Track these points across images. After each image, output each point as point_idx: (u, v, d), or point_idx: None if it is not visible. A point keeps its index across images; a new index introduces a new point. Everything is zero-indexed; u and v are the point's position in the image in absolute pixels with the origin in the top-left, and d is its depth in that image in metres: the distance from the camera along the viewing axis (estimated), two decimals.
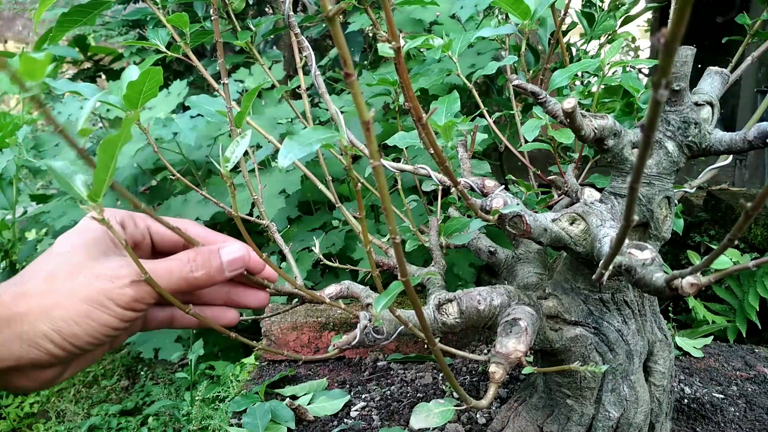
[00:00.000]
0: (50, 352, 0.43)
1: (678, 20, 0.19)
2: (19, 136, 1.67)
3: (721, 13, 3.12)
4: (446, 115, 0.70)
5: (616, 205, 0.64)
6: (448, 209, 0.91)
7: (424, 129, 0.44)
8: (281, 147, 0.39)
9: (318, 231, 1.55)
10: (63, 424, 1.58)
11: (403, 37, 0.81)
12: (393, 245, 0.37)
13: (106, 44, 2.63)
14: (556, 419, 0.71)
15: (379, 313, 0.48)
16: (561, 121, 0.58)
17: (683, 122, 0.62)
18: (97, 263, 0.45)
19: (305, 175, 0.90)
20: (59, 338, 0.43)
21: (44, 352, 0.43)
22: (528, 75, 1.02)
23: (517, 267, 0.80)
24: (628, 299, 0.67)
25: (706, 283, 0.39)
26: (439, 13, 1.52)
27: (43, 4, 0.69)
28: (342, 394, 0.95)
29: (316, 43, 2.20)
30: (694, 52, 0.61)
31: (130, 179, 1.78)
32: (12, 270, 1.77)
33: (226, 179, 0.50)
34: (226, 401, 1.31)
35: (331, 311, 1.15)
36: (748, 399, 0.93)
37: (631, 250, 0.49)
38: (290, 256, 0.66)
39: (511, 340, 0.54)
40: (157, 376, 1.81)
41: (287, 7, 0.73)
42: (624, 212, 0.31)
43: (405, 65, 0.43)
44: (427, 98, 1.38)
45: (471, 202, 0.59)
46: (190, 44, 0.78)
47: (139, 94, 0.50)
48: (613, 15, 1.04)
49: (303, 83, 0.89)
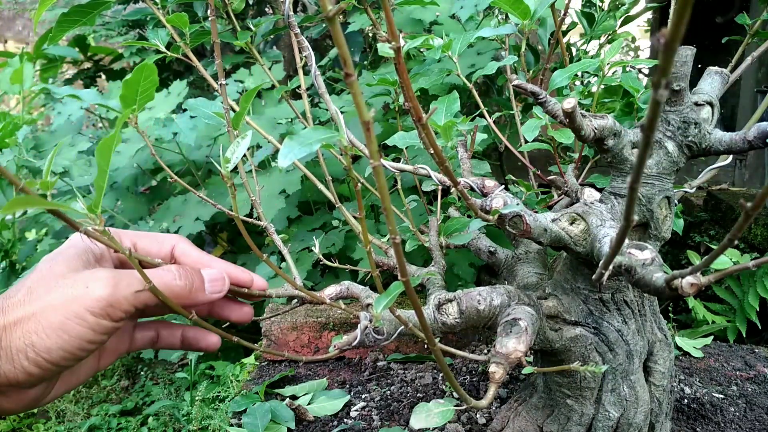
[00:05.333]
0: (25, 370, 0.42)
1: (678, 20, 0.19)
2: (19, 136, 1.67)
3: (721, 13, 3.12)
4: (446, 115, 0.70)
5: (616, 205, 0.64)
6: (448, 209, 0.91)
7: (424, 129, 0.44)
8: (281, 147, 0.39)
9: (318, 231, 1.55)
10: (63, 424, 1.58)
11: (403, 37, 0.81)
12: (393, 245, 0.37)
13: (106, 44, 2.63)
14: (556, 419, 0.71)
15: (379, 313, 0.48)
16: (561, 121, 0.58)
17: (683, 122, 0.62)
18: (76, 274, 0.44)
19: (305, 175, 0.90)
20: (33, 354, 0.41)
21: (20, 370, 0.42)
22: (528, 75, 1.02)
23: (517, 267, 0.80)
24: (628, 299, 0.67)
25: (706, 283, 0.39)
26: (439, 13, 1.52)
27: (43, 4, 0.69)
28: (342, 394, 0.95)
29: (316, 43, 2.20)
30: (694, 52, 0.61)
31: (130, 179, 1.78)
32: (12, 270, 1.77)
33: (226, 180, 0.50)
34: (226, 401, 1.31)
35: (331, 311, 1.15)
36: (748, 399, 0.93)
37: (631, 250, 0.49)
38: (289, 257, 0.66)
39: (511, 340, 0.54)
40: (157, 376, 1.81)
41: (287, 7, 0.73)
42: (624, 212, 0.31)
43: (405, 65, 0.43)
44: (427, 98, 1.38)
45: (471, 202, 0.59)
46: (189, 44, 0.78)
47: (135, 93, 0.50)
48: (613, 15, 1.04)
49: (303, 83, 0.89)
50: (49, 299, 0.42)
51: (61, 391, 0.48)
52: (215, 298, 0.50)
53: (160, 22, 0.77)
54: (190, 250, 0.53)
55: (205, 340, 0.55)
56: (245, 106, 0.55)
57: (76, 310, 0.42)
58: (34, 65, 2.18)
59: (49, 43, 1.08)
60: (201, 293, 0.49)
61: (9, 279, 1.73)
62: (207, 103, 0.70)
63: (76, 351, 0.43)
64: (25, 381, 0.42)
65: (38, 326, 0.42)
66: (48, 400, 0.47)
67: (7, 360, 0.41)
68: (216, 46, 0.67)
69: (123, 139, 1.75)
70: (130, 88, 0.49)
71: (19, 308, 0.42)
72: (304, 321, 1.12)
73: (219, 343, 0.55)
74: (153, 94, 0.51)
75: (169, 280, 0.47)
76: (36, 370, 0.42)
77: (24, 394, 0.44)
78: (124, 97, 0.50)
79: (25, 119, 1.79)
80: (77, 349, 0.43)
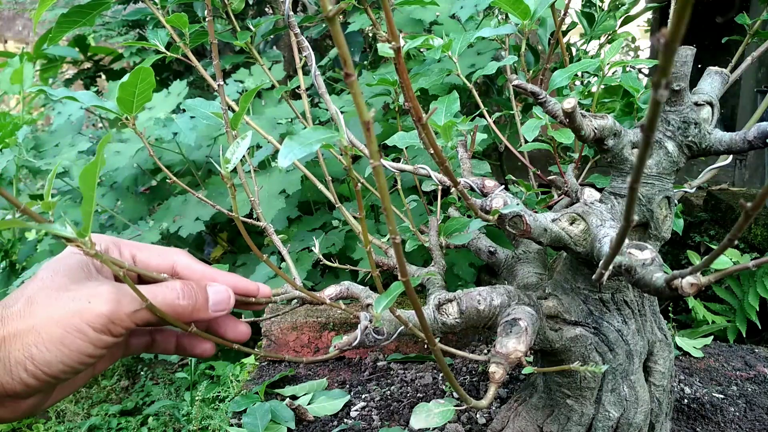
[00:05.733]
0: (24, 382, 0.41)
1: (678, 20, 0.19)
2: (19, 136, 1.67)
3: (721, 13, 3.12)
4: (446, 115, 0.70)
5: (616, 205, 0.64)
6: (448, 209, 0.91)
7: (424, 129, 0.44)
8: (281, 147, 0.39)
9: (318, 231, 1.55)
10: (63, 424, 1.58)
11: (403, 37, 0.81)
12: (393, 245, 0.37)
13: (106, 44, 2.63)
14: (556, 419, 0.71)
15: (379, 313, 0.48)
16: (561, 121, 0.58)
17: (683, 122, 0.62)
18: (78, 286, 0.44)
19: (305, 175, 0.90)
20: (32, 366, 0.41)
21: (18, 381, 0.41)
22: (528, 75, 1.02)
23: (517, 267, 0.80)
24: (628, 299, 0.67)
25: (706, 283, 0.39)
26: (439, 13, 1.52)
27: (42, 4, 0.69)
28: (342, 394, 0.95)
29: (316, 43, 2.20)
30: (694, 52, 0.61)
31: (130, 179, 1.78)
32: (12, 270, 1.77)
33: (226, 180, 0.50)
34: (226, 401, 1.31)
35: (331, 311, 1.15)
36: (748, 399, 0.93)
37: (631, 250, 0.49)
38: (288, 257, 0.66)
39: (511, 340, 0.54)
40: (157, 376, 1.82)
41: (287, 7, 0.73)
42: (624, 212, 0.31)
43: (405, 65, 0.43)
44: (427, 98, 1.38)
45: (471, 202, 0.59)
46: (189, 44, 0.78)
47: (132, 96, 0.49)
48: (613, 15, 1.04)
49: (303, 83, 0.89)
50: (49, 312, 0.42)
51: (57, 399, 0.48)
52: (219, 316, 0.50)
53: (159, 23, 0.77)
54: (193, 264, 0.52)
55: (200, 347, 0.54)
56: (245, 106, 0.55)
57: (77, 325, 0.42)
58: (34, 65, 2.18)
59: (49, 44, 1.08)
60: (204, 312, 0.48)
61: (9, 279, 1.73)
62: (205, 104, 0.70)
63: (76, 365, 0.42)
64: (22, 392, 0.42)
65: (38, 339, 0.41)
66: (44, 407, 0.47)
67: (5, 372, 0.41)
68: (213, 47, 0.66)
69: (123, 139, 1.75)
70: (126, 91, 0.49)
71: (18, 320, 0.42)
72: (304, 321, 1.12)
73: (213, 349, 0.55)
74: (150, 96, 0.50)
75: (172, 299, 0.46)
76: (34, 383, 0.42)
77: (21, 404, 0.44)
78: (121, 100, 0.50)
79: (25, 119, 1.79)
80: (77, 362, 0.42)
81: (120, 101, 0.50)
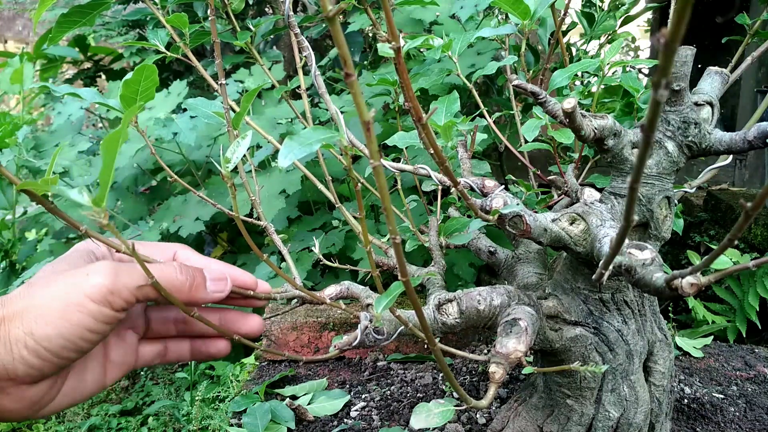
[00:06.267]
0: (24, 360, 0.41)
1: (678, 20, 0.19)
2: (19, 136, 1.67)
3: (721, 13, 3.12)
4: (446, 115, 0.70)
5: (616, 205, 0.64)
6: (448, 209, 0.91)
7: (424, 129, 0.44)
8: (281, 147, 0.39)
9: (318, 231, 1.55)
10: (63, 424, 1.58)
11: (403, 37, 0.81)
12: (393, 245, 0.37)
13: (106, 44, 2.63)
14: (556, 419, 0.71)
15: (379, 313, 0.48)
16: (561, 121, 0.58)
17: (683, 122, 0.62)
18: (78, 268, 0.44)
19: (305, 175, 0.90)
20: (33, 342, 0.41)
21: (19, 360, 0.41)
22: (528, 75, 1.02)
23: (517, 267, 0.80)
24: (628, 299, 0.67)
25: (706, 283, 0.39)
26: (439, 13, 1.52)
27: (42, 4, 0.69)
28: (342, 394, 0.95)
29: (316, 43, 2.20)
30: (694, 52, 0.61)
31: (130, 179, 1.78)
32: (12, 270, 1.77)
33: (226, 180, 0.50)
34: (226, 401, 1.31)
35: (331, 311, 1.15)
36: (748, 399, 0.93)
37: (631, 250, 0.49)
38: (289, 257, 0.66)
39: (511, 340, 0.54)
40: (157, 376, 1.81)
41: (287, 7, 0.73)
42: (624, 212, 0.31)
43: (405, 65, 0.43)
44: (427, 98, 1.38)
45: (471, 202, 0.59)
46: (189, 45, 0.78)
47: (135, 93, 0.50)
48: (613, 15, 1.04)
49: (303, 83, 0.89)
50: (49, 290, 0.43)
51: (65, 402, 0.47)
52: (217, 298, 0.50)
53: (159, 23, 0.77)
54: (193, 255, 0.53)
55: (215, 346, 0.55)
56: (246, 106, 0.55)
57: (77, 297, 0.42)
58: (34, 65, 2.18)
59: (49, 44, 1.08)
60: (202, 291, 0.49)
61: (9, 279, 1.73)
62: (206, 103, 0.70)
63: (77, 340, 0.42)
64: (24, 374, 0.42)
65: (38, 314, 0.41)
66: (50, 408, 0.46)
67: (6, 351, 0.41)
68: (216, 46, 0.67)
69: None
70: (130, 88, 0.49)
71: (18, 300, 0.42)
72: (304, 321, 1.12)
73: (229, 347, 0.55)
74: (153, 93, 0.51)
75: (169, 273, 0.47)
76: (35, 361, 0.42)
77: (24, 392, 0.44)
78: (125, 97, 0.50)
79: (25, 119, 1.79)
80: (78, 337, 0.42)
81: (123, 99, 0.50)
